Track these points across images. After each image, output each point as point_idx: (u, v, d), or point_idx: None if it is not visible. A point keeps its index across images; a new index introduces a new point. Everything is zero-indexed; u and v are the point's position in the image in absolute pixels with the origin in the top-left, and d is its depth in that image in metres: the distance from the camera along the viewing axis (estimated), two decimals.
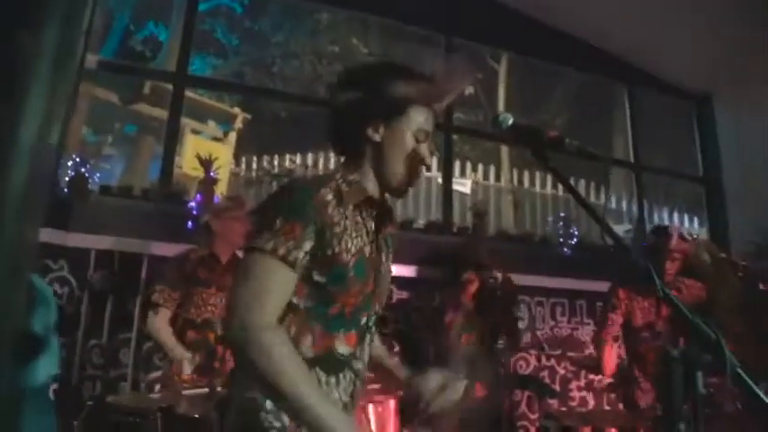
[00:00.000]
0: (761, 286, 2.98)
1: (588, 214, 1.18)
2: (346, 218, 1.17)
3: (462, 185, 5.33)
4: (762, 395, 0.92)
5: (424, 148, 1.26)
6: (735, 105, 5.98)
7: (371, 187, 1.25)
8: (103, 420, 1.95)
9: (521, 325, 4.02)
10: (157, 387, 2.95)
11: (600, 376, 3.96)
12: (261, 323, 1.05)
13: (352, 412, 1.23)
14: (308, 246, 1.12)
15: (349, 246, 1.16)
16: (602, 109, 6.31)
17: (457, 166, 5.51)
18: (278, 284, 1.10)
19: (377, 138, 1.23)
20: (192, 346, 2.73)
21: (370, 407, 2.91)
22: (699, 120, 6.21)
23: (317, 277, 1.14)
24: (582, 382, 4.25)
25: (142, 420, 1.88)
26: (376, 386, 3.55)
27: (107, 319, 3.47)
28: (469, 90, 6.62)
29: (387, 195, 1.31)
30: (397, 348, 3.86)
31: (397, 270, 3.86)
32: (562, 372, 4.16)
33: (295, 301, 1.14)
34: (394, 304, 3.89)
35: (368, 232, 1.23)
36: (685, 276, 3.12)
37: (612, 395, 3.75)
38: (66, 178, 3.68)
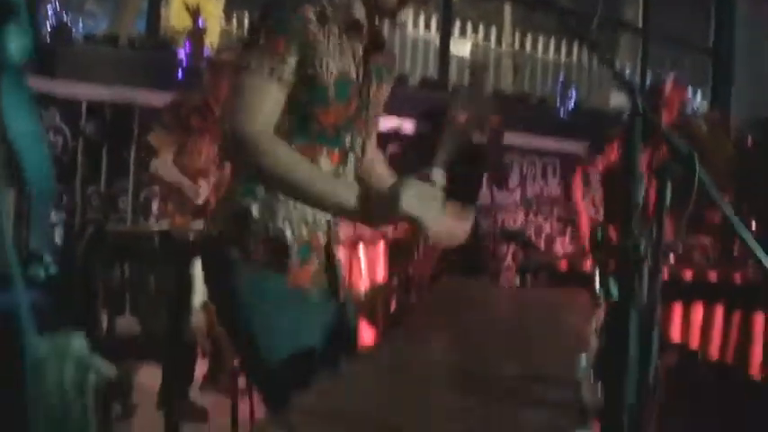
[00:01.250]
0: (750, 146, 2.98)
1: (592, 50, 1.12)
2: (329, 39, 1.17)
3: (462, 47, 5.13)
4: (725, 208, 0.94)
5: None
6: None
7: (359, 11, 1.23)
8: (104, 245, 2.04)
9: (510, 183, 4.10)
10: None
11: None
12: (254, 129, 1.09)
13: (335, 230, 1.29)
14: (293, 61, 1.13)
15: (330, 67, 1.17)
16: None
17: (457, 26, 5.27)
18: (266, 100, 1.12)
19: None
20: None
21: (361, 246, 3.07)
22: None
23: (298, 95, 1.16)
24: (567, 239, 4.42)
25: (141, 243, 1.97)
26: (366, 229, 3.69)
27: (104, 167, 3.52)
28: None
29: (377, 23, 1.28)
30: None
31: (390, 123, 3.87)
32: (548, 229, 4.31)
33: (281, 117, 1.17)
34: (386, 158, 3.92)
35: (354, 56, 1.22)
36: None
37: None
38: (48, 27, 3.56)
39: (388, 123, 3.86)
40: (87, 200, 3.48)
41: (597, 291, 0.83)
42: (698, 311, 2.54)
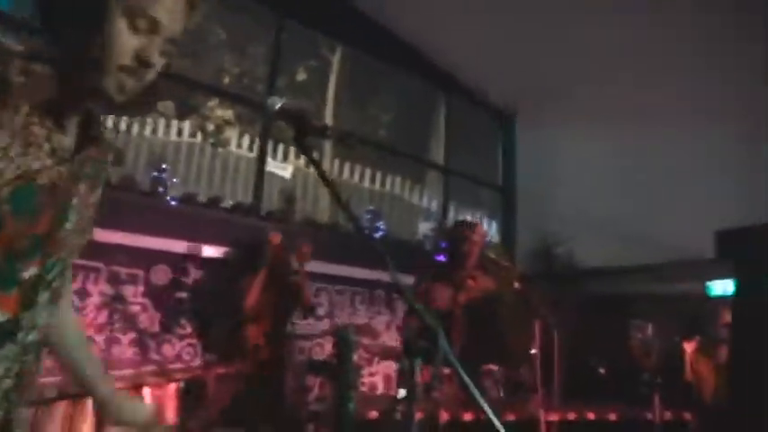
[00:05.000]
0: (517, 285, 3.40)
1: (330, 193, 1.21)
2: (10, 126, 0.82)
3: (283, 170, 5.28)
4: (466, 379, 1.03)
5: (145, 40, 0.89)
6: (534, 124, 6.80)
7: (60, 88, 0.88)
8: None
9: (319, 312, 4.12)
10: None
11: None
12: None
13: (20, 397, 0.92)
14: None
15: (1, 167, 0.81)
16: (423, 112, 6.74)
17: (280, 149, 5.45)
18: None
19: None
20: None
21: (147, 390, 2.77)
22: (504, 133, 6.96)
23: None
24: (374, 368, 4.50)
25: None
26: (151, 368, 3.37)
27: None
28: (301, 76, 6.60)
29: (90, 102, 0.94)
30: (188, 328, 3.73)
31: (196, 249, 3.75)
32: (355, 359, 4.35)
33: None
34: (190, 285, 3.74)
35: (54, 150, 0.87)
36: (485, 275, 3.46)
37: None
38: None
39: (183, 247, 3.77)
40: None
41: None
42: None
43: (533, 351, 4.16)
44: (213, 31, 6.17)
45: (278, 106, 1.18)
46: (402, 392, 1.96)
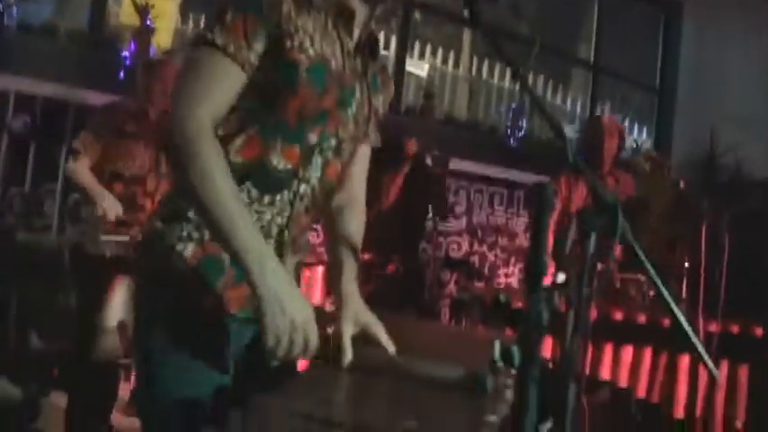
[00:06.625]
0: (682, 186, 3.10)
1: (532, 100, 1.11)
2: (311, 21, 1.03)
3: (419, 68, 5.14)
4: (647, 264, 0.93)
5: None
6: (701, 19, 5.93)
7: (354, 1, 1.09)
8: (10, 258, 1.87)
9: (457, 210, 4.09)
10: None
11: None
12: (196, 126, 0.93)
13: (288, 238, 1.10)
14: (260, 46, 0.99)
15: (306, 45, 1.02)
16: (571, 5, 6.11)
17: (416, 47, 5.29)
18: (224, 85, 0.98)
19: None
20: (119, 200, 2.64)
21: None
22: (665, 29, 6.15)
23: (263, 76, 1.00)
24: (510, 269, 4.45)
25: (50, 259, 1.81)
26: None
27: (30, 166, 3.31)
28: None
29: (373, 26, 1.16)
30: None
31: None
32: (492, 258, 4.33)
33: (237, 100, 1.01)
34: None
35: (342, 48, 1.08)
36: (628, 176, 3.24)
37: None
38: None
39: None
40: (8, 202, 3.25)
41: (496, 359, 0.78)
42: (627, 352, 2.58)
43: (686, 264, 3.84)
44: None
45: None
46: (561, 277, 1.84)
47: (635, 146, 5.44)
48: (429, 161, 3.54)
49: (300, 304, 0.93)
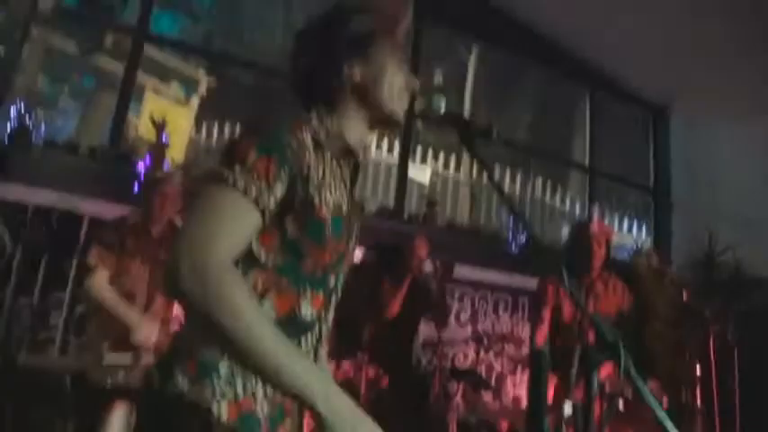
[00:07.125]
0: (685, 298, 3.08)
1: (504, 203, 1.19)
2: (324, 168, 1.04)
3: (421, 174, 5.32)
4: (648, 395, 0.96)
5: (406, 74, 1.18)
6: (690, 120, 6.17)
7: (351, 136, 1.13)
8: (11, 383, 1.86)
9: (462, 318, 4.07)
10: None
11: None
12: (218, 264, 0.87)
13: None
14: (279, 191, 0.96)
15: (327, 199, 1.03)
16: (564, 110, 6.41)
17: (418, 151, 5.51)
18: (242, 229, 0.93)
19: (356, 77, 1.12)
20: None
21: None
22: (654, 130, 6.39)
23: (290, 230, 0.99)
24: (517, 378, 4.35)
25: (52, 384, 1.81)
26: None
27: (40, 277, 3.35)
28: (438, 79, 6.61)
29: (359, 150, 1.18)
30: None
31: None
32: (499, 368, 4.25)
33: (263, 255, 1.00)
34: None
35: (345, 187, 1.11)
36: (620, 281, 3.08)
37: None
38: (8, 129, 3.53)
39: None
40: (16, 314, 3.27)
41: None
42: None
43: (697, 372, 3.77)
44: None
45: (442, 111, 1.20)
46: (568, 408, 1.79)
47: (635, 247, 5.49)
48: (430, 268, 3.54)
49: (370, 426, 0.90)
